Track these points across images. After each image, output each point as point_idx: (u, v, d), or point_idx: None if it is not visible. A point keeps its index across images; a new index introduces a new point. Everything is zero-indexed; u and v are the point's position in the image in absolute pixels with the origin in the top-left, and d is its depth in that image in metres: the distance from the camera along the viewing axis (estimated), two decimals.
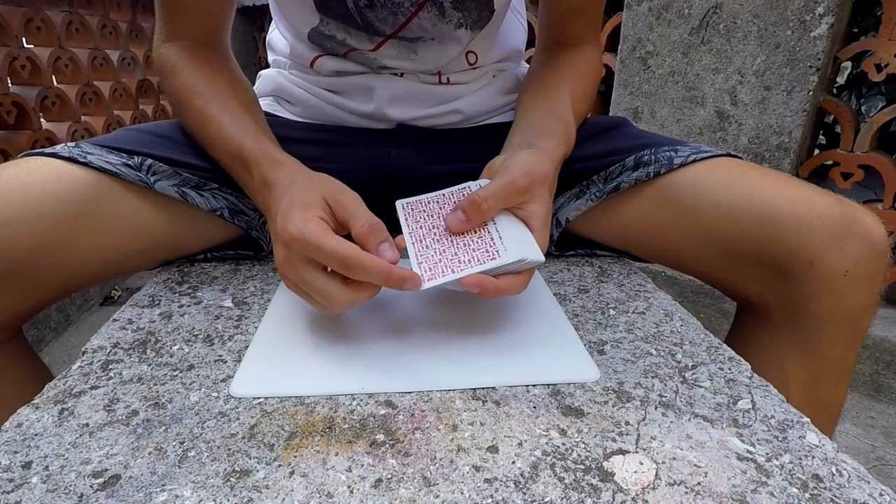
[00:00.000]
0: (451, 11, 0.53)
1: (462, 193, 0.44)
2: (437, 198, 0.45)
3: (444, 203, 0.44)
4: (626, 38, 1.43)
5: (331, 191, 0.40)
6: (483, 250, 0.39)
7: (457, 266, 0.39)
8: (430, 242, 0.41)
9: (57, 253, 0.45)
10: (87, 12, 1.76)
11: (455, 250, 0.40)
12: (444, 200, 0.45)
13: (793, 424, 0.34)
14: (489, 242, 0.40)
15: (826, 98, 1.23)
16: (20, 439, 0.32)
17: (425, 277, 0.38)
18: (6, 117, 1.42)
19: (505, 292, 0.38)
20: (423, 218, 0.44)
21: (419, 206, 0.45)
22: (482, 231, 0.41)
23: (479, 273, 0.38)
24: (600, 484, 0.29)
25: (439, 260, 0.40)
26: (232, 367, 0.39)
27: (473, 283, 0.37)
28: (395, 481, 0.29)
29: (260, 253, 0.59)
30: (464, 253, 0.40)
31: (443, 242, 0.41)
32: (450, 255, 0.40)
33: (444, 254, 0.40)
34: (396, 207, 0.45)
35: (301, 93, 0.61)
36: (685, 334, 0.44)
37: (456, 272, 0.38)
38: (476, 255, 0.39)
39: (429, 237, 0.42)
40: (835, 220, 0.45)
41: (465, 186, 0.45)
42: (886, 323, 1.24)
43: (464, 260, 0.39)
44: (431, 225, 0.43)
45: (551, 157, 0.47)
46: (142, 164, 0.50)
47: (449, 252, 0.40)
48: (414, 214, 0.44)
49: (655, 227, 0.54)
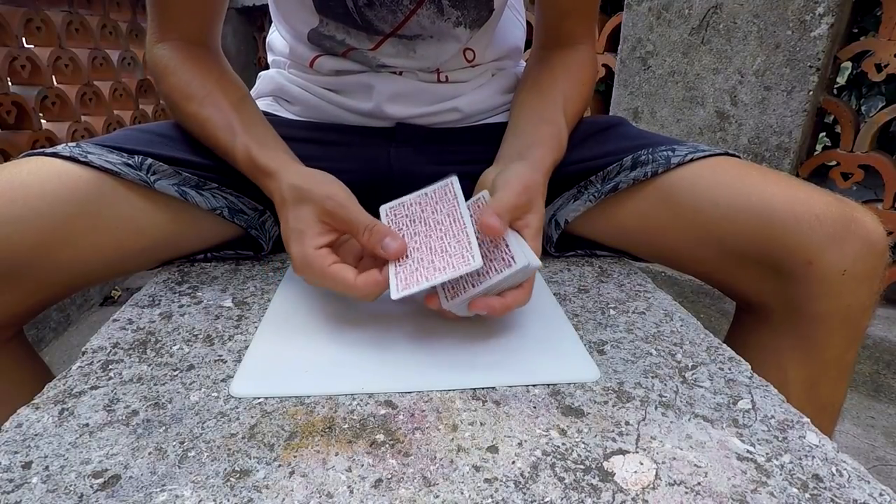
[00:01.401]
0: (449, 9, 0.54)
1: (444, 192, 0.44)
2: (420, 198, 0.45)
3: (426, 204, 0.44)
4: (626, 38, 1.43)
5: (322, 204, 0.42)
6: (459, 255, 0.38)
7: (431, 273, 0.38)
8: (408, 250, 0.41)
9: (57, 252, 0.45)
10: (87, 12, 1.76)
11: (431, 257, 0.40)
12: (426, 201, 0.44)
13: (793, 424, 0.34)
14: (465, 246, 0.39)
15: (826, 98, 1.23)
16: (20, 439, 0.32)
17: (399, 287, 0.38)
18: (6, 117, 1.42)
19: (513, 307, 0.39)
20: (405, 224, 0.43)
21: (401, 209, 0.45)
22: (460, 235, 0.40)
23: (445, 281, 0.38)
24: (600, 484, 0.29)
25: (416, 269, 0.39)
26: (232, 367, 0.39)
27: (482, 306, 0.38)
28: (395, 481, 0.29)
29: (260, 252, 0.59)
30: (440, 259, 0.39)
31: (421, 249, 0.41)
32: (426, 263, 0.39)
33: (422, 262, 0.40)
34: (381, 213, 0.45)
35: (300, 92, 0.61)
36: (685, 334, 0.44)
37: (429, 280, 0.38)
38: (452, 260, 0.38)
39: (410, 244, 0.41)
40: (833, 220, 0.45)
41: (447, 182, 0.44)
42: (886, 323, 1.24)
43: (439, 267, 0.38)
44: (413, 232, 0.42)
45: (542, 167, 0.48)
46: (142, 164, 0.50)
47: (426, 259, 0.40)
48: (396, 221, 0.44)
49: (654, 227, 0.54)
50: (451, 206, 0.42)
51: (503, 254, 0.39)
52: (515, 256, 0.38)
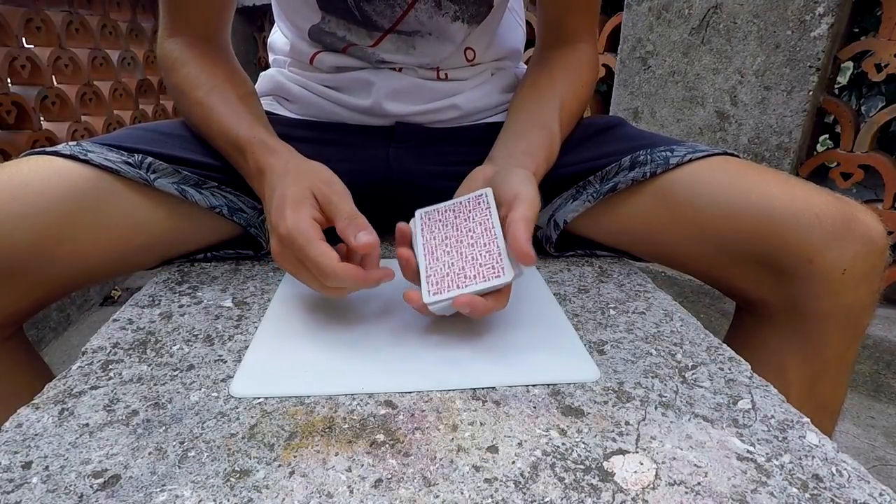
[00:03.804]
0: (446, 3, 0.54)
1: (478, 201, 0.45)
2: (454, 206, 0.46)
3: (459, 212, 0.45)
4: (626, 38, 1.43)
5: (319, 184, 0.43)
6: (489, 266, 0.40)
7: (462, 281, 0.40)
8: (440, 255, 0.42)
9: (57, 250, 0.45)
10: (87, 12, 1.76)
11: (462, 264, 0.41)
12: (459, 209, 0.45)
13: (793, 424, 0.34)
14: (496, 258, 0.40)
15: (826, 98, 1.23)
16: (20, 439, 0.32)
17: (431, 291, 0.40)
18: (6, 117, 1.42)
19: (492, 310, 0.40)
20: (438, 228, 0.45)
21: (436, 214, 0.46)
22: (491, 245, 0.41)
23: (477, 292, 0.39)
24: (600, 484, 0.29)
25: (447, 274, 0.41)
26: (232, 367, 0.39)
27: (465, 303, 0.38)
28: (395, 481, 0.29)
29: (259, 251, 0.59)
30: (471, 268, 0.40)
31: (452, 255, 0.42)
32: (457, 269, 0.41)
33: (452, 267, 0.41)
34: (415, 216, 0.46)
35: (300, 90, 0.61)
36: (685, 334, 0.44)
37: (461, 287, 0.39)
38: (482, 270, 0.40)
39: (440, 249, 0.43)
40: (833, 218, 0.45)
41: (482, 193, 0.45)
42: (886, 323, 1.24)
43: (470, 275, 0.40)
44: (444, 236, 0.44)
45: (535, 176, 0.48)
46: (142, 162, 0.50)
47: (457, 266, 0.41)
48: (430, 225, 0.45)
49: (654, 227, 0.54)
50: (484, 216, 0.43)
51: (494, 262, 0.40)
52: (505, 268, 0.39)
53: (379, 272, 0.40)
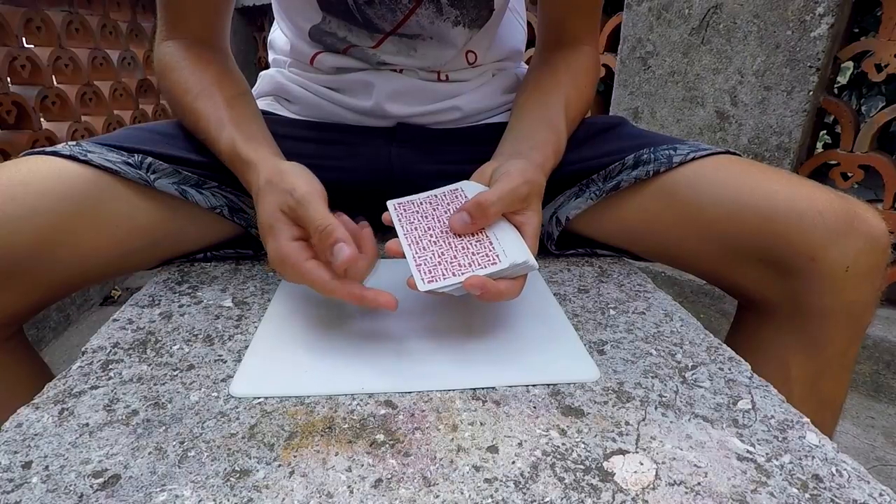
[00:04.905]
0: (448, 8, 0.54)
1: (454, 194, 0.44)
2: (430, 198, 0.45)
3: (436, 204, 0.44)
4: (626, 38, 1.43)
5: (286, 198, 0.40)
6: (483, 254, 0.39)
7: (457, 269, 0.39)
8: (426, 244, 0.41)
9: (57, 250, 0.45)
10: (87, 12, 1.76)
11: (454, 253, 0.40)
12: (436, 201, 0.44)
13: (793, 424, 0.34)
14: (488, 247, 0.40)
15: (826, 98, 1.23)
16: (20, 439, 0.32)
17: (425, 280, 0.38)
18: (6, 117, 1.42)
19: (504, 296, 0.39)
20: (416, 219, 0.44)
21: (411, 206, 0.45)
22: (480, 235, 0.41)
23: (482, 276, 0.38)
24: (600, 484, 0.29)
25: (438, 262, 0.40)
26: (232, 367, 0.39)
27: (476, 284, 0.37)
28: (395, 481, 0.29)
29: (259, 251, 0.59)
30: (463, 256, 0.39)
31: (440, 244, 0.41)
32: (448, 258, 0.40)
33: (443, 256, 0.40)
34: (388, 207, 0.45)
35: (300, 91, 0.61)
36: (685, 334, 0.44)
37: (457, 275, 0.38)
38: (476, 258, 0.39)
39: (424, 239, 0.42)
40: (836, 216, 0.45)
41: (457, 187, 0.45)
42: (886, 323, 1.24)
43: (464, 263, 0.39)
44: (426, 227, 0.43)
45: (542, 168, 0.47)
46: (142, 163, 0.50)
47: (448, 255, 0.40)
48: (407, 215, 0.44)
49: (656, 225, 0.54)
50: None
51: (488, 250, 0.39)
52: (500, 255, 0.39)
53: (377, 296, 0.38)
